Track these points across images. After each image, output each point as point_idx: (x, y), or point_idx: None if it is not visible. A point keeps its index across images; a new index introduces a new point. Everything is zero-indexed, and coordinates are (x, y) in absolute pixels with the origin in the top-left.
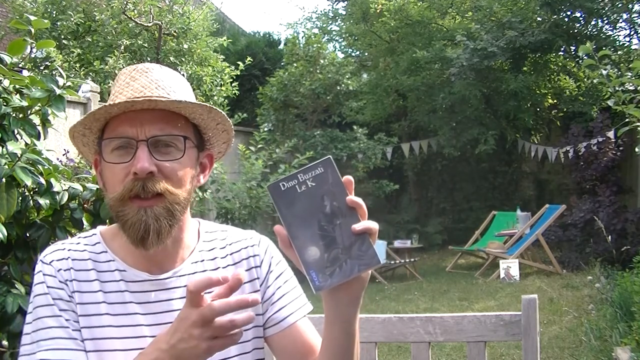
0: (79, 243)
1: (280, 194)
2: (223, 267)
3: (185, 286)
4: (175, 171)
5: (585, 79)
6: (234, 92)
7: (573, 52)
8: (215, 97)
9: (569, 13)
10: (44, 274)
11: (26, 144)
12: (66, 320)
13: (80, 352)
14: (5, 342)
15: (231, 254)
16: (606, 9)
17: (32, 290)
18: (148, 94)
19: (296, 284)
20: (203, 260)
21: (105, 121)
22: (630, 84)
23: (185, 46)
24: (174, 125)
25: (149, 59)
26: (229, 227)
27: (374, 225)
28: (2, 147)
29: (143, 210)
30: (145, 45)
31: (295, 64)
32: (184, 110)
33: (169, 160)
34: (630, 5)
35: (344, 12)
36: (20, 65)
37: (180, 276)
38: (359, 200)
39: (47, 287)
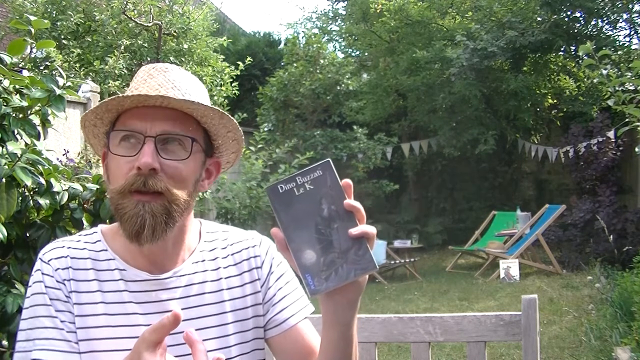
0: (79, 241)
1: (278, 197)
2: (224, 268)
3: (185, 286)
4: (179, 171)
5: (585, 79)
6: (234, 92)
7: (573, 52)
8: (215, 97)
9: (569, 13)
10: (42, 273)
11: (26, 144)
12: (61, 321)
13: (73, 354)
14: (5, 342)
15: (232, 255)
16: (606, 9)
17: (30, 287)
18: (163, 93)
19: (297, 285)
20: (204, 261)
21: (118, 114)
22: (630, 84)
23: (185, 46)
24: (184, 126)
25: (149, 59)
26: (230, 227)
27: (371, 230)
28: (2, 147)
29: (141, 204)
30: (145, 45)
31: (295, 64)
32: (196, 112)
33: (174, 160)
34: (630, 5)
35: (344, 12)
36: (20, 65)
37: (180, 276)
38: (357, 204)
39: (45, 286)
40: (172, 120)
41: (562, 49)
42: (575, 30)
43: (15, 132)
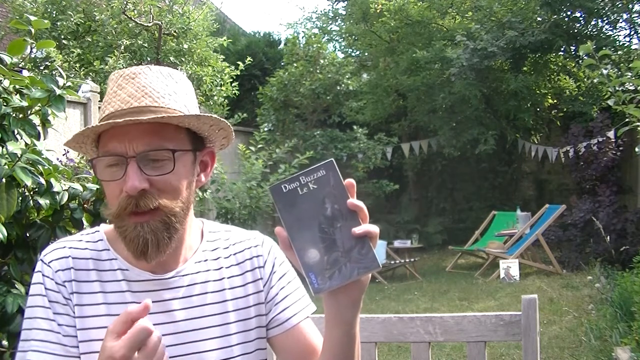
0: (80, 241)
1: (281, 196)
2: (226, 267)
3: (188, 285)
4: (169, 183)
5: (585, 79)
6: (234, 92)
7: (573, 52)
8: (215, 97)
9: (569, 13)
10: (43, 275)
11: (26, 144)
12: (59, 325)
13: (67, 358)
14: (5, 342)
15: (234, 254)
16: (606, 9)
17: (31, 289)
18: (135, 105)
19: (299, 284)
20: (207, 260)
21: (97, 135)
22: (630, 84)
23: (185, 46)
24: (163, 136)
25: (149, 59)
26: (233, 227)
27: (374, 229)
28: (2, 147)
29: (140, 226)
30: (145, 45)
31: (295, 64)
32: (170, 121)
33: (162, 175)
34: (630, 5)
35: (344, 12)
36: (20, 65)
37: (183, 275)
38: (360, 203)
39: (46, 289)
40: (149, 134)
41: (562, 49)
42: (575, 30)
43: (15, 132)
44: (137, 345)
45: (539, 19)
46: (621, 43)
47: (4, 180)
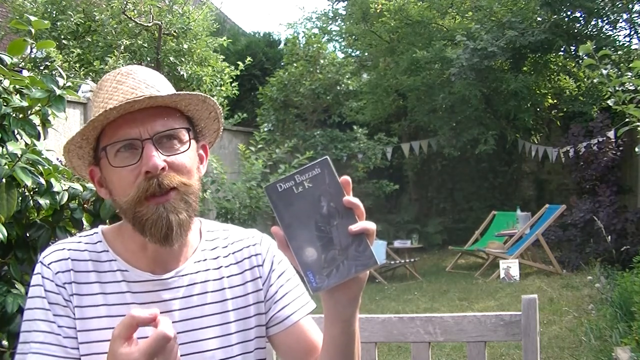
0: (79, 242)
1: (277, 195)
2: (225, 266)
3: (188, 285)
4: (184, 163)
5: (585, 79)
6: (234, 92)
7: (573, 52)
8: (215, 97)
9: (569, 13)
10: (42, 277)
11: (26, 144)
12: (59, 326)
13: (67, 359)
14: (5, 342)
15: (233, 253)
16: (606, 9)
17: (30, 291)
18: (140, 94)
19: (299, 282)
20: (206, 260)
21: (102, 128)
22: (630, 84)
23: (185, 46)
24: (173, 119)
25: (148, 59)
26: (230, 226)
27: (371, 226)
28: (2, 147)
29: (162, 207)
30: (145, 45)
31: (295, 64)
32: (180, 103)
33: (176, 154)
34: (630, 5)
35: (344, 12)
36: (20, 66)
37: (182, 275)
38: (356, 200)
39: (45, 290)
40: (160, 118)
41: (562, 49)
42: (575, 30)
43: (15, 132)
44: (157, 352)
45: (539, 19)
46: (621, 43)
47: (4, 180)
